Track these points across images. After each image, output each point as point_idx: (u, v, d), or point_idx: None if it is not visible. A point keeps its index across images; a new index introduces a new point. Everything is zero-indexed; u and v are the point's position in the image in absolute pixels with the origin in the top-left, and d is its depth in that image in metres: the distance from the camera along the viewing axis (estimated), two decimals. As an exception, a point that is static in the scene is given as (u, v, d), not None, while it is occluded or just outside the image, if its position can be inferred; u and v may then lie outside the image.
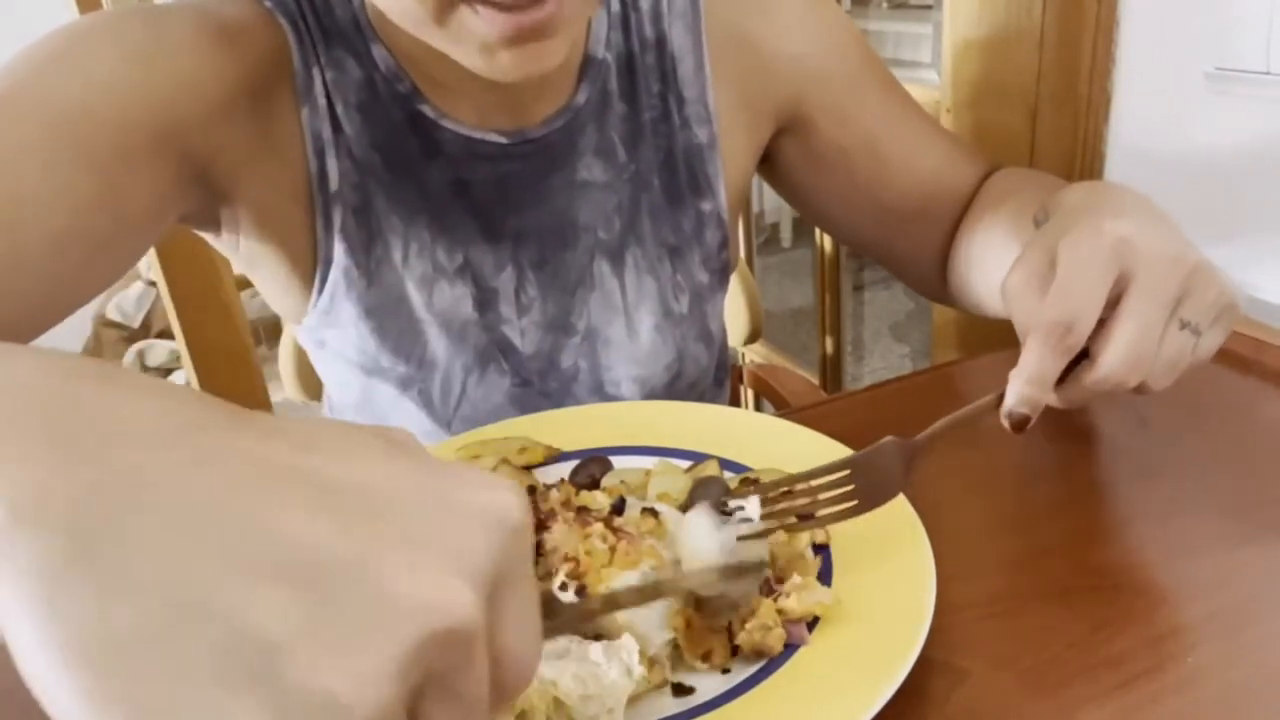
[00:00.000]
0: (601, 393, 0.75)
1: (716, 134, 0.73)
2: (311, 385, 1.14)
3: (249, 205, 0.66)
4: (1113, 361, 0.46)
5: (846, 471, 0.50)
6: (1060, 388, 0.49)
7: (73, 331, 2.98)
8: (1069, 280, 0.47)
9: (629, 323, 0.73)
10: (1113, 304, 0.47)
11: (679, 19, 0.72)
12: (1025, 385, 0.47)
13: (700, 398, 0.82)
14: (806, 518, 0.50)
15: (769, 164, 0.81)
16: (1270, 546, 0.52)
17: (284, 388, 1.17)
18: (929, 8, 1.55)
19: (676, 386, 0.77)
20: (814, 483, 0.50)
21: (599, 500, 0.53)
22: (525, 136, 0.68)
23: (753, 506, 0.49)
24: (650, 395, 0.76)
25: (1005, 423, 0.48)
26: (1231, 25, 0.76)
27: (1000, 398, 0.49)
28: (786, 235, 3.41)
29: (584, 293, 0.72)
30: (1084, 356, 0.48)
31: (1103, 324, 0.47)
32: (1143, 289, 0.46)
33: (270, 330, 2.65)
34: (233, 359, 1.56)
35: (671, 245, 0.74)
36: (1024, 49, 0.92)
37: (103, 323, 3.00)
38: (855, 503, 0.50)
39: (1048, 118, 0.92)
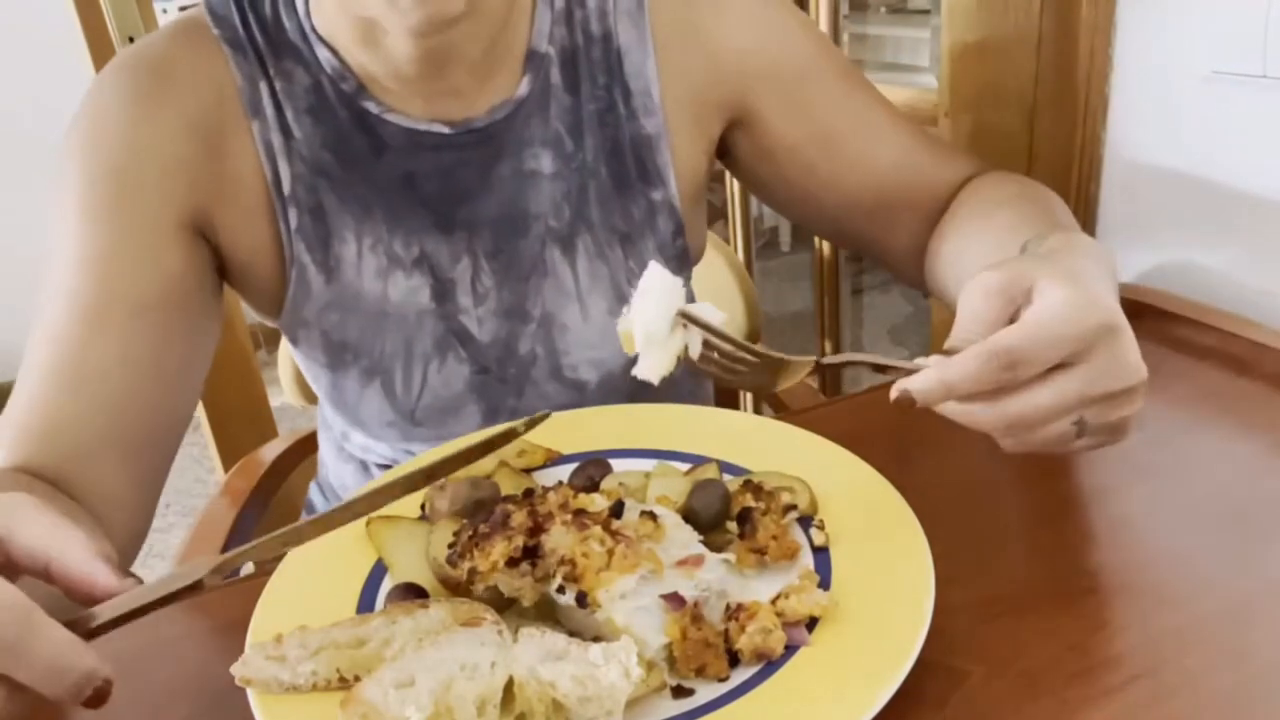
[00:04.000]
0: (560, 377, 0.76)
1: (664, 125, 0.75)
2: (310, 389, 1.14)
3: (225, 231, 0.70)
4: (997, 411, 0.45)
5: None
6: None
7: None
8: (1041, 326, 0.44)
9: (582, 308, 0.75)
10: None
11: (625, 15, 0.74)
12: (938, 384, 0.45)
13: (672, 385, 0.82)
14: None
15: (728, 158, 0.82)
16: (1269, 547, 0.53)
17: (283, 392, 1.17)
18: (926, 12, 1.55)
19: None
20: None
21: (597, 503, 0.53)
22: (469, 127, 0.70)
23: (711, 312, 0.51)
24: (608, 378, 0.76)
25: (893, 394, 0.46)
26: (1228, 28, 0.76)
27: (909, 371, 0.47)
28: (785, 239, 3.41)
29: (537, 280, 0.74)
30: None
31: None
32: (1083, 380, 0.45)
33: (270, 336, 2.65)
34: (232, 364, 1.56)
35: (622, 232, 0.75)
36: (1022, 52, 0.93)
37: (102, 328, 2.99)
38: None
39: (1046, 121, 0.92)
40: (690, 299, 0.82)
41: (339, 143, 0.69)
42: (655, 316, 0.51)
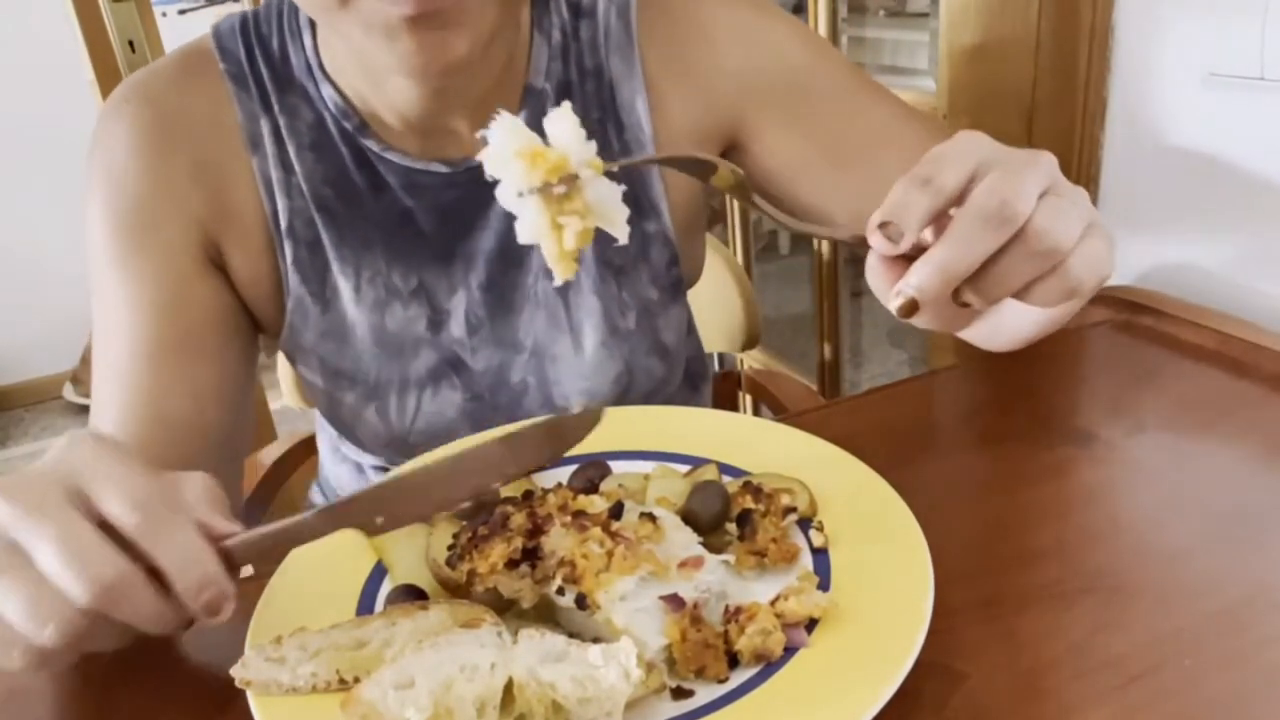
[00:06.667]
0: (551, 405, 0.76)
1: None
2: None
3: (231, 262, 0.72)
4: (978, 194, 0.44)
5: None
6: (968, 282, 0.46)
7: (72, 339, 2.98)
8: (936, 150, 0.47)
9: (574, 339, 0.75)
10: None
11: (616, 49, 0.73)
12: (884, 212, 0.46)
13: (668, 400, 0.83)
14: None
15: None
16: (1268, 548, 0.53)
17: (283, 395, 1.17)
18: (925, 15, 1.55)
19: (629, 399, 0.78)
20: None
21: (597, 505, 0.53)
22: (468, 165, 0.70)
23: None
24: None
25: (895, 303, 0.48)
26: (1225, 31, 0.76)
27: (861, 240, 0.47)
28: (784, 242, 3.41)
29: (531, 311, 0.74)
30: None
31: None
32: (1005, 164, 0.46)
33: (269, 339, 2.64)
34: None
35: (616, 265, 0.75)
36: (1020, 55, 0.93)
37: (101, 332, 2.98)
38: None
39: (1044, 123, 0.92)
40: (688, 316, 0.82)
41: (340, 179, 0.70)
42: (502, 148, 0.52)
